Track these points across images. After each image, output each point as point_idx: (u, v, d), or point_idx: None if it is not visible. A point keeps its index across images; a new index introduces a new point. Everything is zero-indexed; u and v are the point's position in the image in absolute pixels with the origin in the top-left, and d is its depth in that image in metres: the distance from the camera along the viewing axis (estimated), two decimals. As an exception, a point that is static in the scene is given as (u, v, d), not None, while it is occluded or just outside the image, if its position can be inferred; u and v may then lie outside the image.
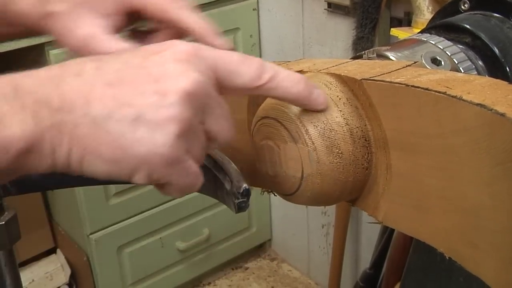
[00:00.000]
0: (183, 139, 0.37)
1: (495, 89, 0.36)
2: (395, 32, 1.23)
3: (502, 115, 0.33)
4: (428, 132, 0.39)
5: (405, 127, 0.41)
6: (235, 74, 0.40)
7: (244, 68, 0.40)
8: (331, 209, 1.77)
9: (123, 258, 1.77)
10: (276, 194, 0.52)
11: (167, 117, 0.36)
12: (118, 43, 0.50)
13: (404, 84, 0.40)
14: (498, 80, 0.38)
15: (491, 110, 0.33)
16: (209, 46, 0.41)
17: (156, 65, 0.37)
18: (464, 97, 0.35)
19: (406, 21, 1.34)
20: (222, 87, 0.40)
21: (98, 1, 0.51)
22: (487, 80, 0.38)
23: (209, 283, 2.03)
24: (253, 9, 1.81)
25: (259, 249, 2.16)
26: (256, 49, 1.86)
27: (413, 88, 0.39)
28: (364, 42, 1.34)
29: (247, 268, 2.09)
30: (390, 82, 0.41)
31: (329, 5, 1.55)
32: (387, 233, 1.40)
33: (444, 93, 0.37)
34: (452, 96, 0.36)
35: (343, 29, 1.54)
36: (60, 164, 0.36)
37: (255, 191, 0.56)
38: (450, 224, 0.40)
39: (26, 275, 1.76)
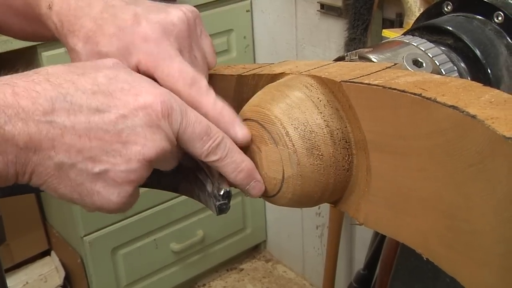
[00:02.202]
0: (136, 191, 0.43)
1: (469, 91, 0.36)
2: (387, 33, 1.22)
3: (473, 117, 0.33)
4: (404, 133, 0.39)
5: (382, 129, 0.41)
6: (191, 144, 0.44)
7: (200, 143, 0.44)
8: (325, 210, 1.77)
9: (118, 260, 1.77)
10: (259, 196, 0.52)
11: (126, 180, 0.41)
12: None
13: (382, 86, 0.40)
14: (473, 82, 0.38)
15: (463, 112, 0.33)
16: (229, 136, 0.46)
17: (127, 126, 0.40)
18: (438, 99, 0.36)
19: (398, 22, 1.34)
20: (178, 143, 0.44)
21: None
22: (462, 82, 0.38)
23: (204, 285, 2.03)
24: (247, 11, 1.81)
25: (254, 250, 2.16)
26: (249, 50, 1.86)
27: (390, 90, 0.39)
28: (356, 43, 1.35)
29: (242, 269, 2.09)
30: (368, 84, 0.41)
31: (322, 6, 1.56)
32: (380, 234, 1.40)
33: (420, 95, 0.37)
34: (427, 98, 0.36)
35: (335, 30, 1.54)
36: (22, 183, 0.40)
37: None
38: (427, 225, 0.40)
39: (20, 277, 1.76)
